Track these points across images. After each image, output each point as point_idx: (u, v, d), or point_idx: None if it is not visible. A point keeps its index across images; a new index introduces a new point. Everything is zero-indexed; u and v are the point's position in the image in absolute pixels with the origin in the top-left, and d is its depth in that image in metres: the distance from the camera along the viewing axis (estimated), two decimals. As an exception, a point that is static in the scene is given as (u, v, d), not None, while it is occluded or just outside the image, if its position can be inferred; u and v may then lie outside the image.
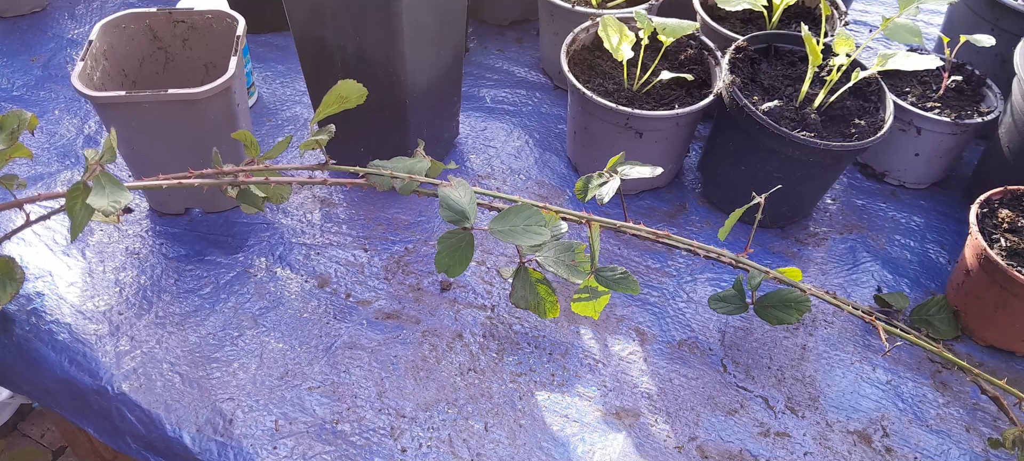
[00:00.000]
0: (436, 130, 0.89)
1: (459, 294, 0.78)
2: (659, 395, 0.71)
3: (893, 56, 0.78)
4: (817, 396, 0.72)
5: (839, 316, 0.79)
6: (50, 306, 0.75)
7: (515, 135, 0.98)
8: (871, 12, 1.27)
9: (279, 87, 1.04)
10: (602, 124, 0.84)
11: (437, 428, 0.67)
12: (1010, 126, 0.84)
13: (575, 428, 0.68)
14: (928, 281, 0.84)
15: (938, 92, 0.91)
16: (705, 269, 0.82)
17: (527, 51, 1.13)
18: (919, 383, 0.74)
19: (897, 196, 0.93)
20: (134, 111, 0.72)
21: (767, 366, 0.74)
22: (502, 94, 1.04)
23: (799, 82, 0.82)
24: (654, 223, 0.87)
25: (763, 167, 0.80)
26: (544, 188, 0.91)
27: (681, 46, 0.90)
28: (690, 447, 0.67)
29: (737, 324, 0.77)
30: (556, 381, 0.71)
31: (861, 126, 0.79)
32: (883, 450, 0.68)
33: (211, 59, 0.87)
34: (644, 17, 0.83)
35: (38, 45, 1.08)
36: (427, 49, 0.79)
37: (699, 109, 0.81)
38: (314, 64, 0.80)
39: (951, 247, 0.88)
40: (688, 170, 0.94)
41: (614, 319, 0.77)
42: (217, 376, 0.70)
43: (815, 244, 0.87)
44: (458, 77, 0.88)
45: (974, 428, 0.71)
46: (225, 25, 0.85)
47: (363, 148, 0.82)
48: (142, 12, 0.84)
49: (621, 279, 0.67)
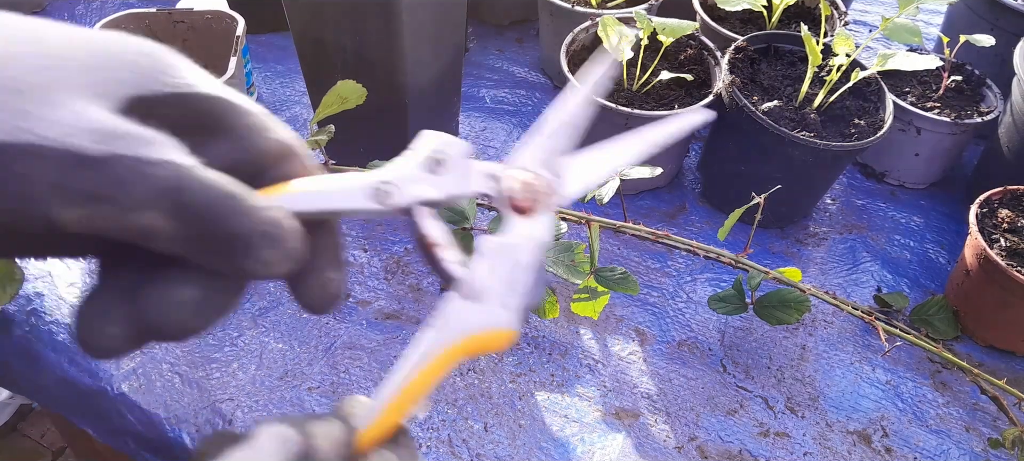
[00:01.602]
0: (436, 130, 0.89)
1: (459, 294, 0.78)
2: (659, 395, 0.71)
3: (893, 56, 0.78)
4: (817, 396, 0.72)
5: (839, 316, 0.79)
6: (50, 306, 0.75)
7: (515, 135, 0.98)
8: (871, 12, 1.27)
9: (279, 87, 1.04)
10: (602, 124, 0.84)
11: (436, 428, 0.67)
12: (1010, 126, 0.84)
13: (575, 428, 0.68)
14: (928, 281, 0.84)
15: (938, 92, 0.91)
16: (705, 269, 0.82)
17: (527, 51, 1.13)
18: (919, 383, 0.74)
19: (897, 196, 0.94)
20: (134, 111, 0.72)
21: (767, 366, 0.74)
22: (502, 94, 1.04)
23: (799, 82, 0.82)
24: (654, 223, 0.87)
25: (763, 167, 0.80)
26: (544, 188, 0.91)
27: (681, 46, 0.90)
28: (690, 447, 0.67)
29: (737, 324, 0.77)
30: (556, 381, 0.71)
31: (861, 126, 0.79)
32: (883, 450, 0.68)
33: (211, 59, 0.87)
34: (644, 17, 0.83)
35: (38, 45, 1.08)
36: (427, 49, 0.79)
37: (699, 109, 0.81)
38: (314, 64, 0.80)
39: (951, 247, 0.88)
40: (688, 170, 0.94)
41: (614, 319, 0.77)
42: (217, 376, 0.70)
43: (815, 244, 0.87)
44: (458, 77, 0.88)
45: (974, 428, 0.71)
46: (224, 25, 0.85)
47: (363, 148, 0.82)
48: (141, 12, 0.84)
49: (621, 279, 0.67)
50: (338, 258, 0.26)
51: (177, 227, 0.22)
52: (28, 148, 0.20)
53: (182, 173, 0.22)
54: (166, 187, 0.21)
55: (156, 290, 0.23)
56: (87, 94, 0.21)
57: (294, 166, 0.26)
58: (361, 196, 0.26)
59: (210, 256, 0.23)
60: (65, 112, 0.21)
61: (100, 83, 0.22)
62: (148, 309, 0.23)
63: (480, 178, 0.28)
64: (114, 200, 0.21)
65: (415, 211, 0.26)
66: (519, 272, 0.26)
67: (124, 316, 0.23)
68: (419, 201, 0.26)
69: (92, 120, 0.21)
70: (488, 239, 0.26)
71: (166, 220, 0.21)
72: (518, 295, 0.26)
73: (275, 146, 0.26)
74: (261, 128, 0.26)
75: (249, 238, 0.23)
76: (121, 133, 0.21)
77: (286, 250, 0.23)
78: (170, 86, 0.23)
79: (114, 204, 0.21)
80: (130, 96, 0.23)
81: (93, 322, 0.23)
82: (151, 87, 0.23)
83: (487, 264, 0.26)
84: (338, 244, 0.27)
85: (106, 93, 0.22)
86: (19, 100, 0.20)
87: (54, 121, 0.20)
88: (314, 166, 0.27)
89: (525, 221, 0.27)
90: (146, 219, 0.21)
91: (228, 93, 0.25)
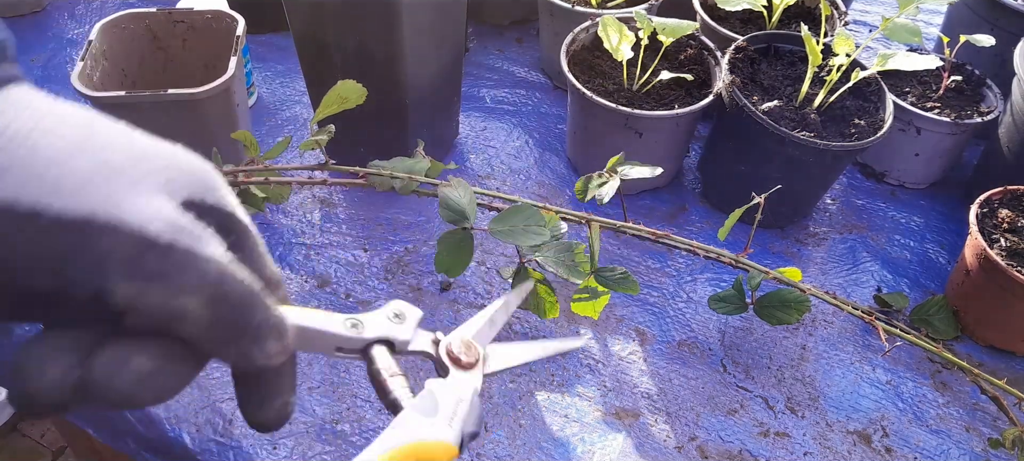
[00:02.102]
0: (436, 130, 0.89)
1: (459, 294, 0.78)
2: (659, 395, 0.71)
3: (893, 56, 0.78)
4: (817, 396, 0.72)
5: (839, 316, 0.79)
6: (50, 306, 0.75)
7: (515, 135, 0.98)
8: (871, 12, 1.27)
9: (279, 87, 1.04)
10: (602, 124, 0.84)
11: (437, 428, 0.67)
12: (1010, 126, 0.84)
13: (575, 428, 0.68)
14: (928, 281, 0.84)
15: (938, 92, 0.91)
16: (705, 269, 0.82)
17: (527, 51, 1.13)
18: (919, 383, 0.74)
19: (897, 196, 0.94)
20: (133, 111, 0.72)
21: (767, 366, 0.74)
22: (502, 94, 1.04)
23: (799, 82, 0.82)
24: (654, 223, 0.87)
25: (763, 167, 0.80)
26: (544, 188, 0.91)
27: (681, 46, 0.90)
28: (690, 447, 0.67)
29: (737, 324, 0.77)
30: (556, 381, 0.71)
31: (861, 126, 0.79)
32: (883, 450, 0.68)
33: (211, 59, 0.87)
34: (644, 17, 0.83)
35: (38, 45, 1.08)
36: (427, 49, 0.79)
37: (699, 109, 0.81)
38: (314, 64, 0.80)
39: (951, 247, 0.88)
40: (688, 170, 0.94)
41: (614, 319, 0.77)
42: (216, 376, 0.70)
43: (815, 244, 0.87)
44: (458, 77, 0.88)
45: (974, 428, 0.71)
46: (225, 25, 0.85)
47: (363, 148, 0.82)
48: (142, 12, 0.84)
49: (621, 279, 0.67)
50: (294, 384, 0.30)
51: (209, 314, 0.25)
52: (114, 224, 0.23)
53: (225, 268, 0.25)
54: (212, 276, 0.25)
55: (109, 352, 0.25)
56: (163, 191, 0.25)
57: (280, 296, 0.31)
58: (337, 324, 0.31)
59: (225, 341, 0.26)
60: (145, 202, 0.24)
61: (171, 183, 0.26)
62: (96, 367, 0.24)
63: (425, 338, 0.34)
64: (168, 282, 0.24)
65: (373, 346, 0.32)
66: (461, 405, 0.31)
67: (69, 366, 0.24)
68: (380, 338, 0.32)
69: (164, 212, 0.25)
70: (433, 381, 0.32)
71: (202, 306, 0.25)
72: (460, 421, 0.31)
73: (270, 275, 0.30)
74: (265, 257, 0.30)
75: (262, 330, 0.26)
76: (184, 226, 0.25)
77: (285, 345, 0.27)
78: (216, 199, 0.28)
79: (166, 285, 0.24)
80: (186, 200, 0.26)
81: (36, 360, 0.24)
82: (203, 195, 0.27)
83: (433, 398, 0.31)
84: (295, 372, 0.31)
85: (174, 192, 0.26)
86: (113, 184, 0.24)
87: (139, 209, 0.24)
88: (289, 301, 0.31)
89: (462, 373, 0.34)
90: (185, 303, 0.24)
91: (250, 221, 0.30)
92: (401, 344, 0.33)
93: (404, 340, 0.33)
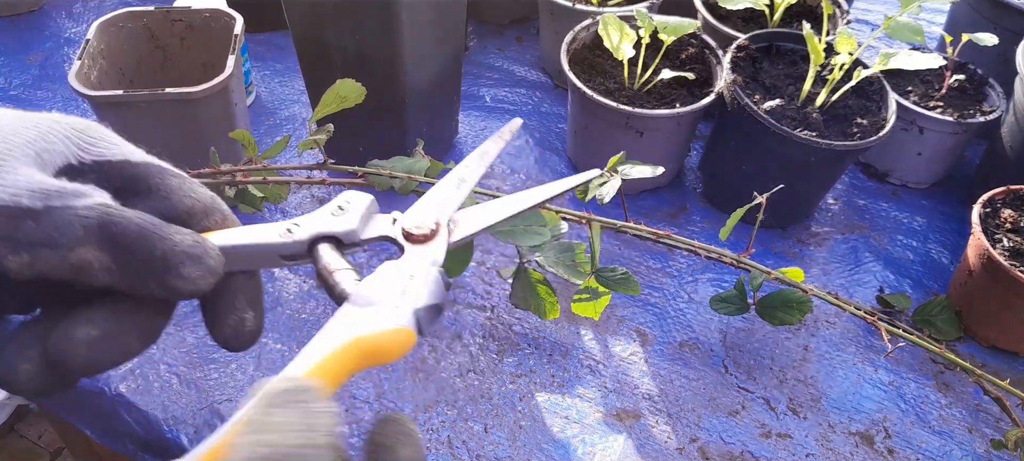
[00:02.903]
0: (435, 129, 0.89)
1: (459, 295, 0.78)
2: (660, 396, 0.70)
3: (895, 55, 0.77)
4: (819, 397, 0.72)
5: (841, 317, 0.78)
6: (47, 306, 0.75)
7: (515, 134, 0.97)
8: (873, 11, 1.26)
9: (277, 86, 1.03)
10: (602, 123, 0.84)
11: (436, 429, 0.67)
12: (1012, 125, 0.84)
13: (576, 429, 0.67)
14: (930, 281, 0.83)
15: (940, 91, 0.90)
16: (706, 269, 0.82)
17: (527, 50, 1.13)
18: (921, 384, 0.73)
19: (899, 196, 0.93)
20: (131, 110, 0.72)
21: (769, 367, 0.74)
22: (502, 93, 1.04)
23: (801, 81, 0.82)
24: (655, 223, 0.86)
25: (765, 166, 0.80)
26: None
27: (682, 45, 0.90)
28: (691, 448, 0.67)
29: (738, 325, 0.77)
30: (556, 382, 0.71)
31: (863, 125, 0.79)
32: (885, 451, 0.68)
33: (209, 58, 0.87)
34: (645, 15, 0.83)
35: (35, 44, 1.08)
36: (427, 48, 0.78)
37: (700, 108, 0.81)
38: (313, 63, 0.79)
39: (953, 247, 0.87)
40: (689, 170, 0.94)
41: (615, 320, 0.76)
42: (215, 377, 0.70)
43: (817, 244, 0.87)
44: (458, 76, 0.88)
45: (977, 429, 0.70)
46: (223, 24, 0.84)
47: (362, 147, 0.82)
48: (139, 11, 0.84)
49: (622, 279, 0.67)
50: (256, 301, 0.30)
51: (108, 257, 0.26)
52: None
53: (106, 211, 0.26)
54: (94, 224, 0.26)
55: (59, 329, 0.26)
56: (32, 164, 0.26)
57: (216, 219, 0.30)
58: (272, 233, 0.29)
59: (140, 280, 0.26)
60: (13, 177, 0.25)
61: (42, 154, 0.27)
62: (52, 347, 0.26)
63: (382, 222, 0.31)
64: (52, 243, 0.25)
65: (317, 246, 0.29)
66: (412, 283, 0.28)
67: (38, 354, 0.26)
68: (319, 235, 0.29)
69: (33, 182, 0.26)
70: (385, 264, 0.29)
71: (98, 252, 0.26)
72: (412, 300, 0.27)
73: (198, 203, 0.30)
74: (185, 188, 0.30)
75: (173, 257, 0.26)
76: (55, 190, 0.26)
77: (208, 266, 0.27)
78: (95, 154, 0.29)
79: (52, 247, 0.25)
80: (65, 164, 0.28)
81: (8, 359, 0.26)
82: (81, 156, 0.28)
83: (380, 279, 0.28)
84: (258, 289, 0.30)
85: (46, 163, 0.27)
86: None
87: (8, 185, 0.25)
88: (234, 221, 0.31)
89: (417, 247, 0.31)
90: (80, 255, 0.25)
91: (154, 160, 0.30)
92: (349, 235, 0.30)
93: (350, 230, 0.30)
